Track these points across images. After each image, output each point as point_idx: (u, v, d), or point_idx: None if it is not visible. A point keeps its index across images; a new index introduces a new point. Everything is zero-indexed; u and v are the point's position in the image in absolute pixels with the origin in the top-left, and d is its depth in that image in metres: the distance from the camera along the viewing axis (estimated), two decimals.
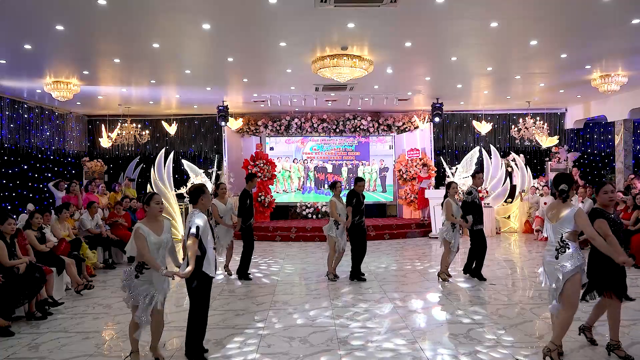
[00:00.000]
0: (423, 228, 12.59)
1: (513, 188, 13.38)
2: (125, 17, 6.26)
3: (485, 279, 7.19)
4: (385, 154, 14.87)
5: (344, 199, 7.47)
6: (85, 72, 9.14)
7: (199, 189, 4.33)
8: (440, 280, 7.22)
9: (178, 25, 6.66)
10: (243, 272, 7.63)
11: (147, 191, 12.78)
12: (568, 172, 13.65)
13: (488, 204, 12.17)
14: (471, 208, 7.19)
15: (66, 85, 9.58)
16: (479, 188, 7.97)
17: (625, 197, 9.21)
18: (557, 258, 3.98)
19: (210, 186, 12.91)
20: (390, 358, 4.31)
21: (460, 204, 7.36)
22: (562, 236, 3.99)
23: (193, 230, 4.03)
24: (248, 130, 14.50)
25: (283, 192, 14.84)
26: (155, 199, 4.17)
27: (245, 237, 7.66)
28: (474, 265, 7.36)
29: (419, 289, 6.87)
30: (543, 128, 12.79)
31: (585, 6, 6.06)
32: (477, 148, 13.93)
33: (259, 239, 12.15)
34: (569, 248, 3.96)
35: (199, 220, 4.10)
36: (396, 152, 14.74)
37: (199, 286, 4.17)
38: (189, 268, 3.92)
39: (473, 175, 7.64)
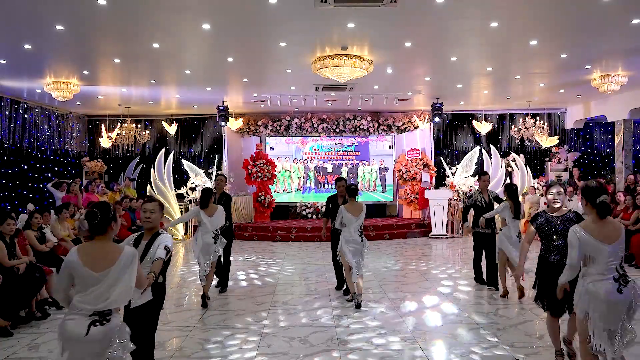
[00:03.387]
0: (423, 228, 12.58)
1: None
2: (125, 17, 6.26)
3: (485, 283, 6.88)
4: (385, 154, 14.86)
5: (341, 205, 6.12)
6: (85, 72, 9.14)
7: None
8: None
9: (178, 25, 6.65)
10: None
11: (148, 192, 12.78)
12: (568, 172, 13.67)
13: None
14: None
15: (66, 85, 9.58)
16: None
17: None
18: (621, 292, 3.12)
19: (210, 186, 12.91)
20: (390, 358, 4.31)
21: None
22: (622, 260, 3.25)
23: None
24: (248, 130, 14.49)
25: (283, 192, 14.84)
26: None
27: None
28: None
29: (419, 289, 6.87)
30: (543, 128, 12.79)
31: (585, 6, 6.06)
32: (477, 148, 13.94)
33: (259, 239, 12.17)
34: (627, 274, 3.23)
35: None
36: (396, 152, 14.73)
37: None
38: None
39: (479, 177, 6.93)
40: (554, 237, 3.93)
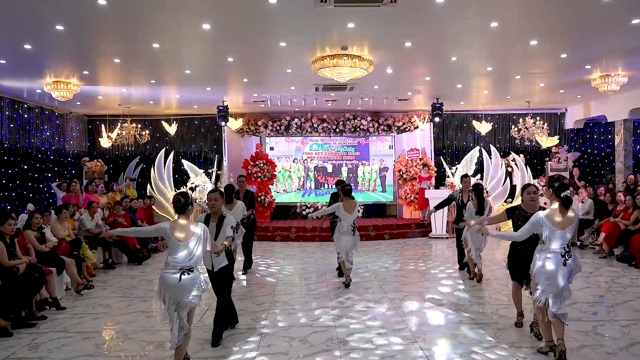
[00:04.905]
0: (423, 228, 12.58)
1: (513, 188, 13.38)
2: (125, 17, 6.26)
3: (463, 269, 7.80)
4: (385, 154, 14.86)
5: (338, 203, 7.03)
6: (85, 72, 9.14)
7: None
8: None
9: (178, 25, 6.65)
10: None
11: (148, 192, 12.79)
12: (568, 172, 13.67)
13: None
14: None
15: (66, 85, 9.57)
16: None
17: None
18: (565, 265, 4.05)
19: (210, 186, 12.93)
20: (390, 358, 4.31)
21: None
22: (570, 241, 4.11)
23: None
24: (248, 130, 14.49)
25: (283, 192, 14.84)
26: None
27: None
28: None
29: (419, 289, 6.87)
30: (543, 128, 12.78)
31: (585, 6, 6.06)
32: (477, 148, 13.94)
33: (259, 239, 12.16)
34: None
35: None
36: (396, 152, 14.73)
37: None
38: None
39: (461, 179, 8.05)
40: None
